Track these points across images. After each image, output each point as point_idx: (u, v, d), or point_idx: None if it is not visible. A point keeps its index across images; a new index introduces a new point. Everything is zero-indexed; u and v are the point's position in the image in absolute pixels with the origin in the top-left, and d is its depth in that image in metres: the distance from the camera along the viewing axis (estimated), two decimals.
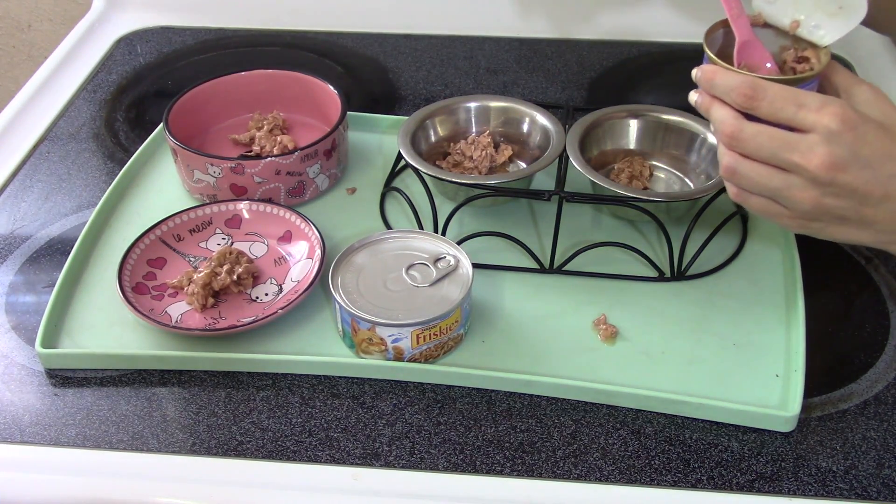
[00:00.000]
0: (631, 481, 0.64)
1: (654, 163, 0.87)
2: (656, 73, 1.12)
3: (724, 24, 0.66)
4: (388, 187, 0.89)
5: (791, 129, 0.58)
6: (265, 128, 0.93)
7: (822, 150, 0.56)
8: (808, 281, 0.76)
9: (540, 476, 0.64)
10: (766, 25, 0.65)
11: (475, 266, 0.73)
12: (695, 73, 0.63)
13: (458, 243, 0.76)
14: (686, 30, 1.17)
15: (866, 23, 0.73)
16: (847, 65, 1.12)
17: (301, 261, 0.79)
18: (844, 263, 0.81)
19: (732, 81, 0.59)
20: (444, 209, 0.81)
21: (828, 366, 0.72)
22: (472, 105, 0.89)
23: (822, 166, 0.56)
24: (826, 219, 0.60)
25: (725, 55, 0.64)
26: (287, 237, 0.82)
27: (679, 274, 0.78)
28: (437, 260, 0.74)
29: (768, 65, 0.66)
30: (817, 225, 0.60)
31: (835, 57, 1.15)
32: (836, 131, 0.56)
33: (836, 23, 0.62)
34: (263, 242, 0.82)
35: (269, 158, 0.83)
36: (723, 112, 0.60)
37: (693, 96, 0.64)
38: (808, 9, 0.63)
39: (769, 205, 0.61)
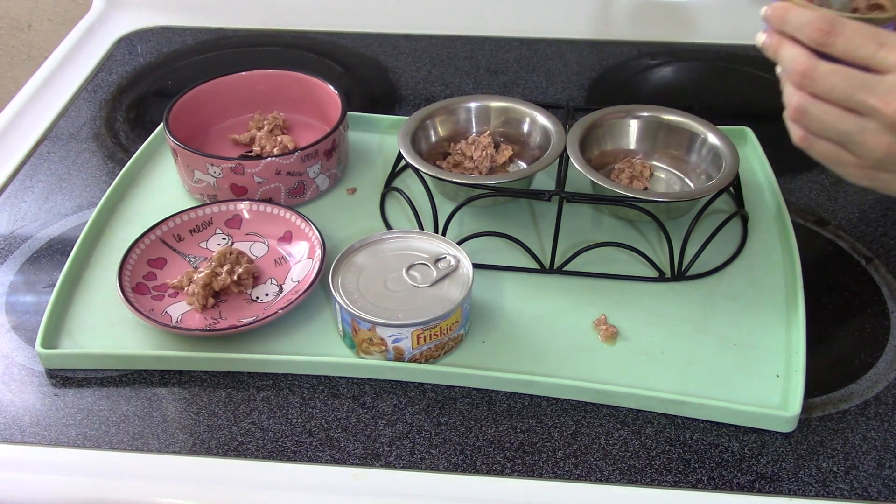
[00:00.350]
0: (631, 482, 0.64)
1: (654, 163, 0.87)
2: (656, 73, 1.12)
3: None
4: (389, 187, 0.89)
5: (867, 71, 0.55)
6: (265, 128, 0.93)
7: None
8: (808, 281, 0.76)
9: (540, 476, 0.64)
10: None
11: (475, 266, 0.73)
12: (765, 10, 0.59)
13: (459, 243, 0.76)
14: (687, 31, 1.17)
15: None
16: None
17: (301, 261, 0.79)
18: (845, 263, 0.81)
19: (807, 16, 0.56)
20: (445, 209, 0.81)
21: (828, 366, 0.72)
22: (473, 105, 0.89)
23: None
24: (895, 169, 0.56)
25: None
26: (287, 237, 0.82)
27: (679, 274, 0.78)
28: (438, 260, 0.74)
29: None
30: (886, 176, 0.57)
31: None
32: None
33: None
34: (264, 242, 0.82)
35: (269, 158, 0.83)
36: (794, 50, 0.56)
37: (760, 37, 0.59)
38: None
39: (837, 151, 0.57)
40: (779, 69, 0.60)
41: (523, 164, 0.88)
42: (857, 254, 0.82)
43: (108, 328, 0.75)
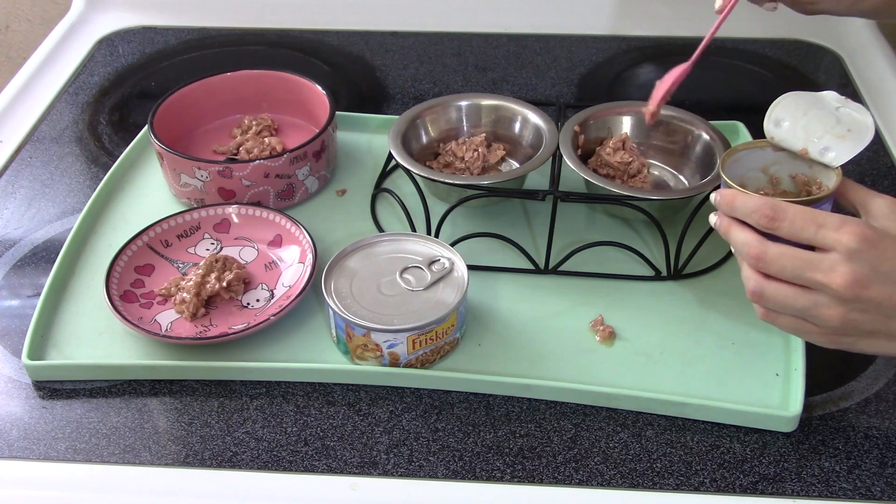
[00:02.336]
0: (633, 485, 0.63)
1: (647, 159, 0.86)
2: (646, 67, 1.11)
3: (738, 150, 0.68)
4: (379, 188, 0.87)
5: (812, 248, 0.59)
6: (253, 129, 0.91)
7: (843, 268, 0.57)
8: None
9: (541, 482, 0.63)
10: (779, 149, 0.67)
11: (470, 268, 0.72)
12: (713, 196, 0.64)
13: (452, 245, 0.75)
14: (675, 24, 1.17)
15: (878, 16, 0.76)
16: (837, 57, 1.12)
17: (292, 265, 0.78)
18: None
19: (753, 203, 0.60)
20: (437, 210, 0.80)
21: (827, 364, 0.71)
22: (463, 104, 0.88)
23: (845, 284, 0.57)
24: (856, 333, 0.60)
25: (742, 182, 0.66)
26: (277, 241, 0.80)
27: (676, 273, 0.78)
28: (432, 263, 0.72)
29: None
30: (848, 339, 0.61)
31: (825, 50, 1.16)
32: (857, 249, 0.57)
33: (846, 144, 0.64)
34: (253, 247, 0.81)
35: (257, 161, 0.82)
36: (745, 234, 0.61)
37: (713, 218, 0.65)
38: (817, 132, 0.64)
39: (799, 323, 0.61)
40: (733, 249, 0.64)
41: (516, 164, 0.87)
42: None
43: (95, 338, 0.73)
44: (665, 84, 0.76)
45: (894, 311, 0.58)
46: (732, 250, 0.65)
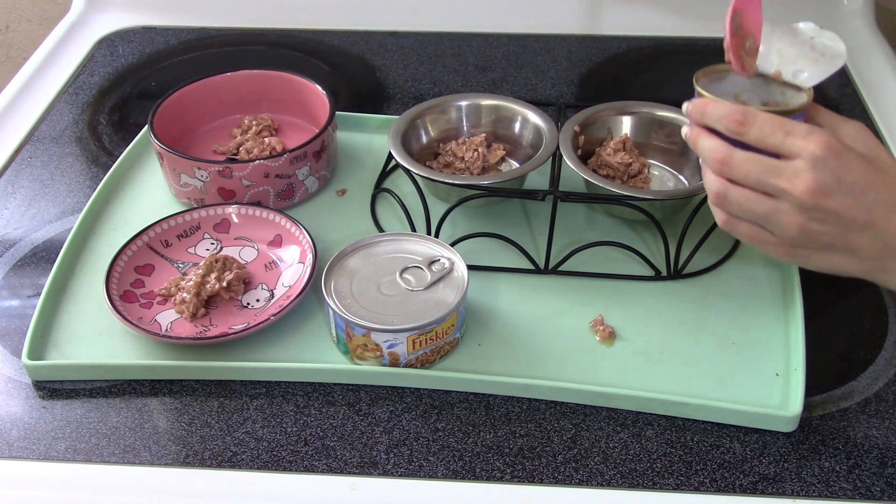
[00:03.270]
0: (633, 485, 0.63)
1: (647, 159, 0.86)
2: (646, 67, 1.11)
3: (711, 71, 0.68)
4: (379, 188, 0.87)
5: (777, 157, 0.59)
6: (253, 129, 0.91)
7: (807, 175, 0.58)
8: (805, 277, 0.75)
9: (541, 482, 0.63)
10: (754, 74, 0.67)
11: (469, 268, 0.72)
12: (685, 106, 0.64)
13: (452, 245, 0.75)
14: (676, 25, 1.17)
15: None
16: None
17: (292, 265, 0.78)
18: None
19: (724, 109, 0.61)
20: (437, 210, 0.80)
21: (827, 363, 0.71)
22: (463, 104, 0.88)
23: (807, 191, 0.58)
24: (812, 246, 0.61)
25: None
26: (277, 241, 0.80)
27: (675, 272, 0.78)
28: (432, 263, 0.72)
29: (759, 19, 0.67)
30: (804, 252, 0.61)
31: None
32: (821, 157, 0.57)
33: (818, 67, 0.64)
34: (253, 247, 0.81)
35: (257, 161, 0.82)
36: (712, 141, 0.62)
37: (684, 130, 0.65)
38: (791, 57, 0.65)
39: (757, 231, 0.62)
40: (701, 161, 0.65)
41: (515, 164, 0.87)
42: None
43: (95, 338, 0.73)
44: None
45: (852, 225, 0.58)
46: (701, 163, 0.65)
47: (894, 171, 0.60)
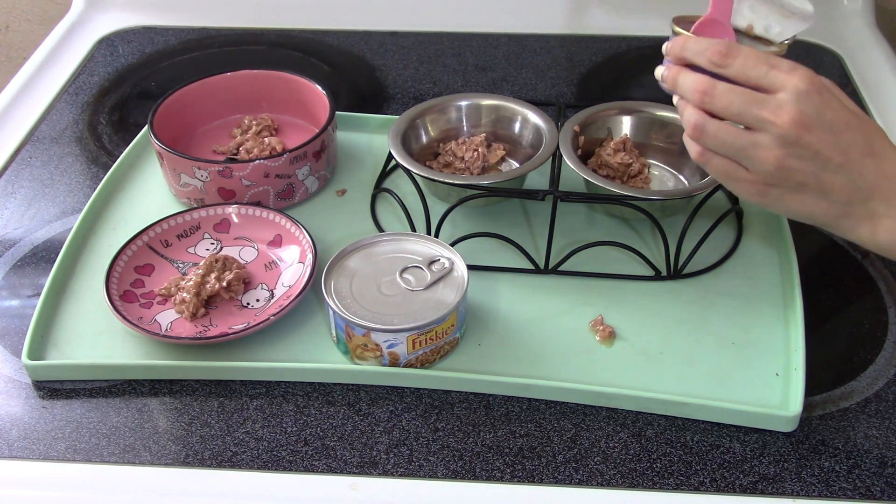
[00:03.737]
0: (633, 485, 0.63)
1: (647, 159, 0.86)
2: (646, 67, 1.11)
3: (685, 20, 0.68)
4: (379, 188, 0.87)
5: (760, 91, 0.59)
6: (253, 129, 0.91)
7: (791, 107, 0.57)
8: (805, 277, 0.75)
9: (541, 482, 0.63)
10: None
11: (469, 268, 0.72)
12: (664, 47, 0.64)
13: (452, 245, 0.75)
14: None
15: None
16: (837, 57, 1.12)
17: (292, 265, 0.78)
18: (841, 259, 0.81)
19: (706, 42, 0.61)
20: (437, 210, 0.80)
21: (827, 363, 0.71)
22: (463, 104, 0.88)
23: (791, 123, 0.57)
24: (786, 184, 0.60)
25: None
26: (277, 241, 0.80)
27: (675, 272, 0.78)
28: (432, 262, 0.72)
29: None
30: (776, 191, 0.61)
31: (825, 50, 1.16)
32: (805, 91, 0.58)
33: (790, 23, 0.65)
34: (253, 247, 0.81)
35: (257, 161, 0.82)
36: (694, 75, 0.61)
37: (659, 70, 0.64)
38: (763, 12, 0.65)
39: (732, 167, 0.61)
40: (676, 99, 0.65)
41: (515, 164, 0.87)
42: (853, 249, 0.81)
43: (95, 338, 0.73)
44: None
45: (828, 164, 0.59)
46: (675, 102, 0.64)
47: (867, 120, 0.61)
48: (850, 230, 0.62)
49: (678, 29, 0.65)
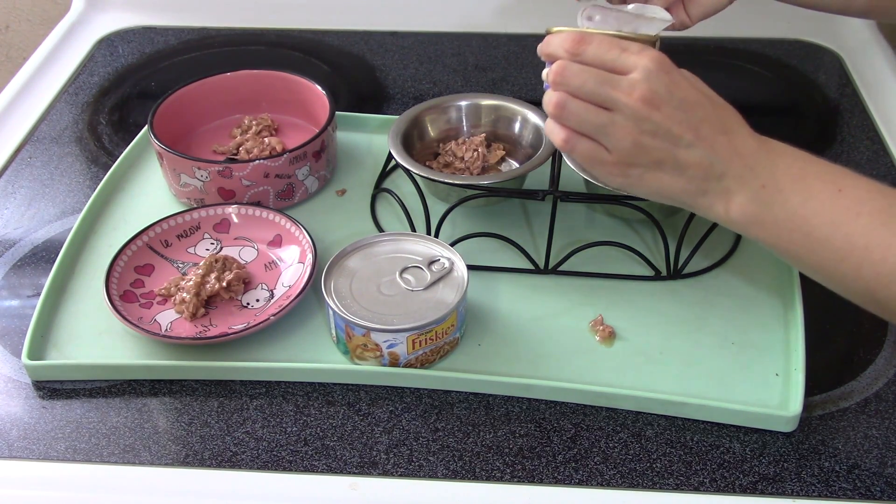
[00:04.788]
0: (633, 485, 0.63)
1: None
2: None
3: (553, 31, 0.69)
4: (379, 188, 0.87)
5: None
6: (253, 129, 0.91)
7: (641, 86, 0.60)
8: (804, 277, 0.75)
9: (541, 482, 0.63)
10: None
11: (469, 268, 0.72)
12: (538, 49, 0.67)
13: (452, 245, 0.75)
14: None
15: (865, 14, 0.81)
16: (836, 57, 1.12)
17: (292, 265, 0.78)
18: None
19: (563, 35, 0.63)
20: (436, 210, 0.80)
21: (827, 363, 0.71)
22: (463, 104, 0.88)
23: (641, 100, 0.60)
24: (644, 162, 0.62)
25: None
26: (277, 241, 0.80)
27: (675, 272, 0.78)
28: (432, 263, 0.72)
29: None
30: (636, 171, 0.63)
31: (825, 50, 1.15)
32: (654, 70, 0.60)
33: (654, 24, 0.69)
34: (253, 247, 0.81)
35: (257, 161, 0.82)
36: (555, 65, 0.63)
37: (545, 72, 0.65)
38: (627, 20, 0.69)
39: (595, 149, 0.63)
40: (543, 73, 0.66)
41: (515, 164, 0.87)
42: None
43: (95, 338, 0.73)
44: None
45: (680, 140, 0.60)
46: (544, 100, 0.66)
47: (722, 102, 0.63)
48: (708, 208, 0.63)
49: (552, 29, 0.67)
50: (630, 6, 0.71)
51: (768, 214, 0.61)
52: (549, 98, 0.63)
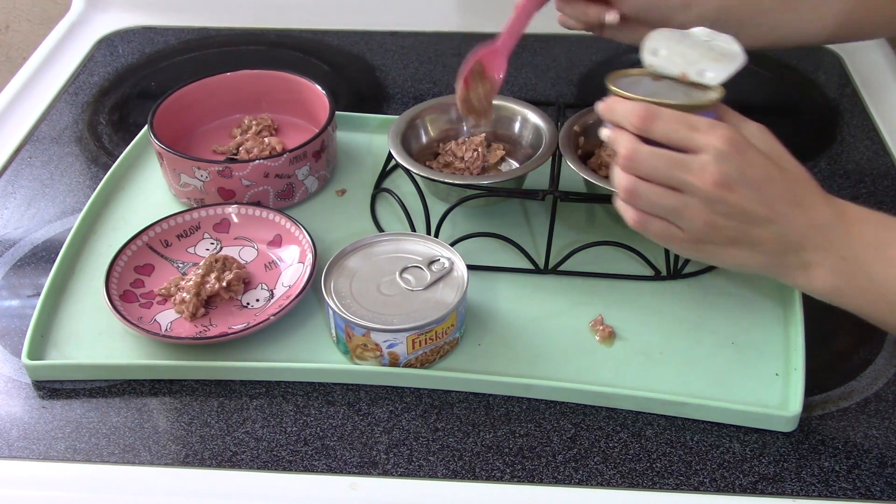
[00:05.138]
0: (633, 485, 0.63)
1: None
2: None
3: (619, 76, 0.68)
4: (379, 188, 0.87)
5: (684, 152, 0.60)
6: (253, 129, 0.91)
7: (712, 168, 0.59)
8: None
9: (540, 482, 0.63)
10: (657, 77, 0.67)
11: (469, 268, 0.72)
12: (597, 106, 0.64)
13: (452, 245, 0.75)
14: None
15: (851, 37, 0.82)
16: (836, 57, 1.12)
17: (292, 265, 0.78)
18: None
19: (629, 105, 0.61)
20: (436, 210, 0.80)
21: (827, 363, 0.71)
22: None
23: (714, 184, 0.59)
24: (718, 240, 0.61)
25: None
26: (277, 241, 0.80)
27: (675, 272, 0.78)
28: (431, 262, 0.72)
29: (500, 75, 0.78)
30: (711, 248, 0.62)
31: (825, 50, 1.15)
32: (725, 152, 0.59)
33: (721, 66, 0.65)
34: (253, 247, 0.81)
35: (257, 161, 0.82)
36: (623, 137, 0.62)
37: (604, 132, 0.64)
38: (693, 57, 0.66)
39: (667, 228, 0.62)
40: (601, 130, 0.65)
41: (515, 164, 0.87)
42: None
43: (95, 337, 0.73)
44: (469, 63, 0.78)
45: (754, 219, 0.60)
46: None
47: (795, 170, 0.62)
48: (787, 278, 0.63)
49: (611, 86, 0.65)
50: (696, 30, 0.67)
51: (851, 285, 0.61)
52: (620, 182, 0.62)
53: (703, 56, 0.65)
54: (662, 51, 0.66)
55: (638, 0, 0.76)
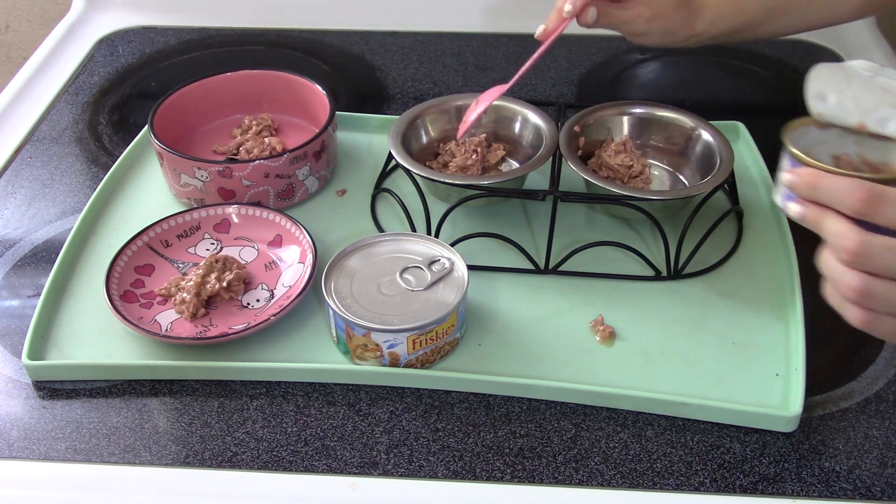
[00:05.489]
0: (633, 486, 0.63)
1: (647, 159, 0.86)
2: (646, 68, 1.11)
3: (795, 126, 0.61)
4: (379, 188, 0.87)
5: None
6: (253, 129, 0.91)
7: None
8: (805, 277, 0.75)
9: (541, 482, 0.63)
10: (825, 126, 0.60)
11: (469, 268, 0.72)
12: (787, 177, 0.55)
13: (452, 245, 0.75)
14: None
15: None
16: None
17: (292, 265, 0.78)
18: None
19: (843, 185, 0.52)
20: (437, 210, 0.80)
21: (828, 364, 0.71)
22: (463, 103, 0.87)
23: None
24: None
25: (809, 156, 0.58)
26: (277, 241, 0.80)
27: (676, 273, 0.78)
28: (432, 263, 0.72)
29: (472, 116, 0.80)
30: None
31: (825, 50, 1.16)
32: None
33: None
34: (253, 247, 0.81)
35: (257, 161, 0.82)
36: (840, 225, 0.52)
37: (795, 208, 0.55)
38: (869, 103, 0.58)
39: None
40: (778, 198, 0.58)
41: (515, 164, 0.87)
42: None
43: (95, 338, 0.73)
44: (479, 105, 0.80)
45: None
46: (777, 199, 0.58)
47: None
48: None
49: (797, 151, 0.56)
50: (856, 63, 0.59)
51: None
52: (848, 280, 0.52)
53: (880, 101, 0.57)
54: (831, 96, 0.58)
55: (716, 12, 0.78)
